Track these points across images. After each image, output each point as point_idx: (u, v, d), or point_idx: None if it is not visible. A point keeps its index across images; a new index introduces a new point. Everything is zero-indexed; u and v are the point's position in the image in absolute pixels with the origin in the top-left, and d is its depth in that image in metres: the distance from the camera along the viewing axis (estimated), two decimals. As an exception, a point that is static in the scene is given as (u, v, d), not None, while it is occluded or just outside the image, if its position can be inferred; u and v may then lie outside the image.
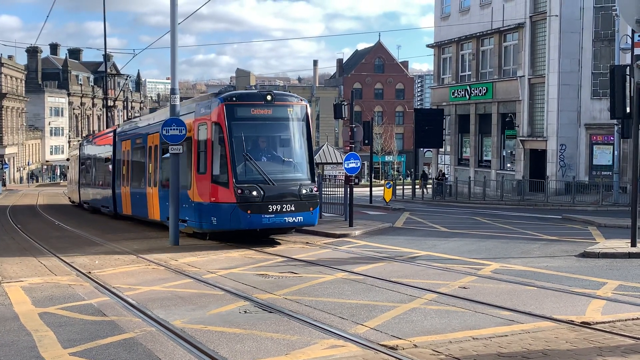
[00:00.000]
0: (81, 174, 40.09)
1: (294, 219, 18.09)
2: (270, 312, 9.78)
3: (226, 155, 17.79)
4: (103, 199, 32.44)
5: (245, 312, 9.82)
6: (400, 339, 8.10)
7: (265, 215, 17.69)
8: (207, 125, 18.35)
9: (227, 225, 18.05)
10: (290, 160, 18.95)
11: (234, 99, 18.37)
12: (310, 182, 18.64)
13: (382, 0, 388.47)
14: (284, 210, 17.84)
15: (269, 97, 18.57)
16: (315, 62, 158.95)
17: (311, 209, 18.37)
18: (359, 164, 22.28)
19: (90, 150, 37.53)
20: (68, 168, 55.47)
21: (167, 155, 20.10)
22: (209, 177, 18.28)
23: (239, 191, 17.49)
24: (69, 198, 47.93)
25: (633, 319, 8.96)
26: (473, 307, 9.86)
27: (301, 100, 19.38)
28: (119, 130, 30.68)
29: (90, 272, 14.03)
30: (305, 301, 10.53)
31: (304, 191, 18.20)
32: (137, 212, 25.93)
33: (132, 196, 26.57)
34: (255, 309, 10.03)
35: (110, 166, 30.66)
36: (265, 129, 18.88)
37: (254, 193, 17.58)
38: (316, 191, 18.85)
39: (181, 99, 20.66)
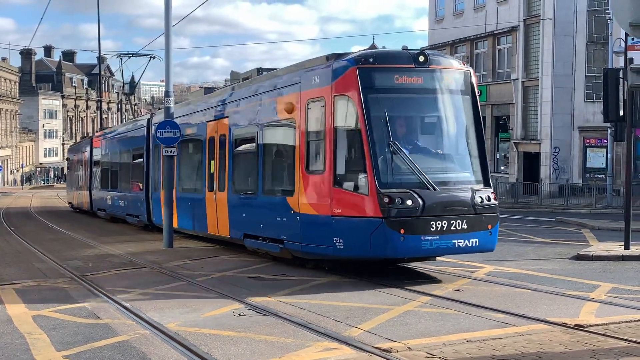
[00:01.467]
0: (93, 176, 34.41)
1: (466, 242, 12.10)
2: (265, 314, 9.78)
3: (362, 144, 11.99)
4: (130, 205, 26.19)
5: (239, 314, 9.81)
6: (395, 341, 8.10)
7: (427, 237, 11.75)
8: (326, 102, 12.68)
9: (364, 252, 11.99)
10: (455, 153, 13.10)
11: (371, 60, 12.51)
12: (483, 185, 12.78)
13: (377, 3, 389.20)
14: (452, 229, 11.95)
15: (421, 58, 12.62)
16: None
17: (489, 226, 12.43)
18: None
19: (108, 146, 31.62)
20: (68, 170, 49.11)
21: (243, 148, 16.20)
22: (328, 177, 12.44)
23: (386, 199, 11.63)
24: (70, 203, 43.31)
25: (626, 322, 8.98)
26: (467, 309, 9.87)
27: (464, 65, 13.55)
28: (155, 119, 23.76)
29: (84, 275, 14.00)
30: (299, 304, 10.53)
31: (478, 199, 12.30)
32: (187, 223, 20.00)
33: (181, 203, 20.12)
34: (249, 311, 10.02)
35: (144, 164, 24.25)
36: (417, 106, 13.07)
37: (409, 202, 11.70)
38: (495, 199, 12.72)
39: (175, 102, 20.58)
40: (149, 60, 31.35)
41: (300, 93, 13.50)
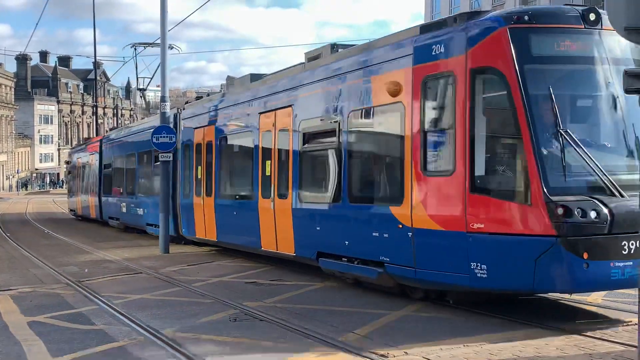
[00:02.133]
0: (104, 181, 31.14)
1: None
2: (261, 320, 9.75)
3: (519, 133, 8.88)
4: (151, 213, 22.63)
5: (235, 320, 9.79)
6: (392, 346, 8.08)
7: (617, 264, 8.58)
8: (457, 78, 9.50)
9: (522, 284, 8.91)
10: None
11: (527, 18, 9.23)
12: None
13: (373, 8, 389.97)
14: None
15: (592, 16, 9.32)
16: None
17: None
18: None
19: (122, 147, 28.01)
20: (69, 174, 44.99)
21: (317, 144, 13.14)
22: (461, 180, 9.31)
23: (561, 210, 8.49)
24: (72, 211, 39.80)
25: (623, 325, 8.97)
26: (465, 314, 9.84)
27: None
28: (186, 112, 20.00)
29: (80, 281, 13.96)
30: (296, 309, 10.50)
31: None
32: (231, 236, 16.55)
33: (222, 212, 16.77)
34: (245, 317, 9.99)
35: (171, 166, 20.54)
36: (591, 82, 9.49)
37: (592, 214, 8.55)
38: None
39: (170, 107, 20.52)
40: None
41: (413, 68, 10.23)
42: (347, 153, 11.83)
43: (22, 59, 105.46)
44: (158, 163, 20.44)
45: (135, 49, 28.13)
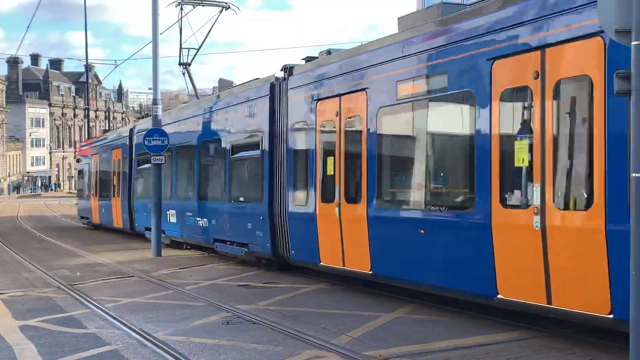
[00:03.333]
0: (139, 180, 23.95)
1: None
2: (254, 322, 9.74)
3: None
4: (224, 226, 16.45)
5: (228, 323, 9.77)
6: (384, 348, 8.08)
7: None
8: None
9: None
10: None
11: None
12: None
13: (365, 12, 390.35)
14: None
15: None
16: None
17: None
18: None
19: (172, 137, 19.39)
20: (79, 174, 36.42)
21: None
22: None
23: None
24: (85, 218, 32.56)
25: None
26: (458, 316, 9.85)
27: None
28: (294, 80, 13.80)
29: (71, 284, 13.91)
30: (288, 311, 10.49)
31: None
32: (395, 268, 10.83)
33: (383, 228, 11.02)
34: (238, 320, 9.98)
35: (264, 160, 14.58)
36: None
37: None
38: None
39: (163, 109, 20.47)
40: (221, 11, 21.28)
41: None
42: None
43: (13, 62, 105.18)
44: (241, 156, 15.86)
45: (181, 9, 21.39)
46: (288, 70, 14.12)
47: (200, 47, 22.22)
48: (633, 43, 5.94)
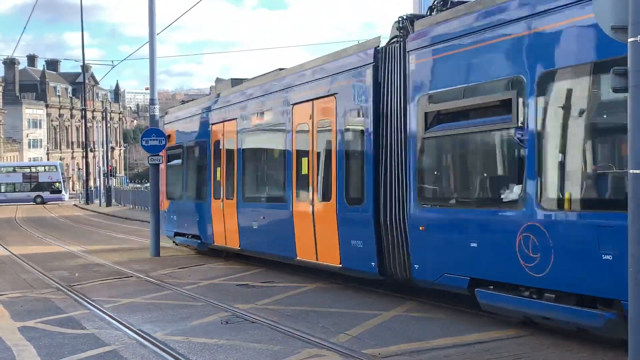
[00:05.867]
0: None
1: None
2: (253, 322, 9.74)
3: None
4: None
5: (227, 322, 9.78)
6: (383, 347, 8.09)
7: None
8: None
9: None
10: None
11: None
12: None
13: (362, 11, 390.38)
14: None
15: None
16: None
17: None
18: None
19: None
20: (168, 162, 20.28)
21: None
22: None
23: None
24: (181, 235, 19.47)
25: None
26: (456, 314, 9.87)
27: None
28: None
29: (70, 285, 13.91)
30: (287, 311, 10.50)
31: None
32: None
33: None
34: (237, 319, 9.98)
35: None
36: None
37: None
38: None
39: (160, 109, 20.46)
40: None
41: None
42: None
43: (9, 63, 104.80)
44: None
45: None
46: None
47: None
48: (629, 40, 5.95)
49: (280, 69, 14.91)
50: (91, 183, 70.55)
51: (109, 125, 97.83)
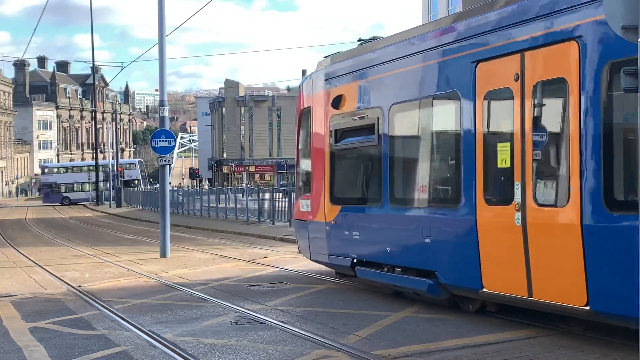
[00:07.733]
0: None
1: None
2: (262, 323, 9.75)
3: None
4: None
5: (237, 323, 9.78)
6: (393, 348, 8.08)
7: None
8: None
9: None
10: None
11: None
12: None
13: (370, 11, 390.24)
14: None
15: None
16: (304, 72, 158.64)
17: None
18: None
19: None
20: (332, 152, 12.58)
21: None
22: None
23: None
24: (352, 261, 12.08)
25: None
26: (465, 315, 9.84)
27: None
28: None
29: (80, 286, 13.95)
30: (297, 311, 10.50)
31: None
32: None
33: None
34: (247, 320, 9.99)
35: None
36: None
37: None
38: None
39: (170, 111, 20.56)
40: None
41: None
42: None
43: (20, 65, 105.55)
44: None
45: None
46: None
47: None
48: (640, 40, 5.92)
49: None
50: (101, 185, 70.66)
51: (118, 126, 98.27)
